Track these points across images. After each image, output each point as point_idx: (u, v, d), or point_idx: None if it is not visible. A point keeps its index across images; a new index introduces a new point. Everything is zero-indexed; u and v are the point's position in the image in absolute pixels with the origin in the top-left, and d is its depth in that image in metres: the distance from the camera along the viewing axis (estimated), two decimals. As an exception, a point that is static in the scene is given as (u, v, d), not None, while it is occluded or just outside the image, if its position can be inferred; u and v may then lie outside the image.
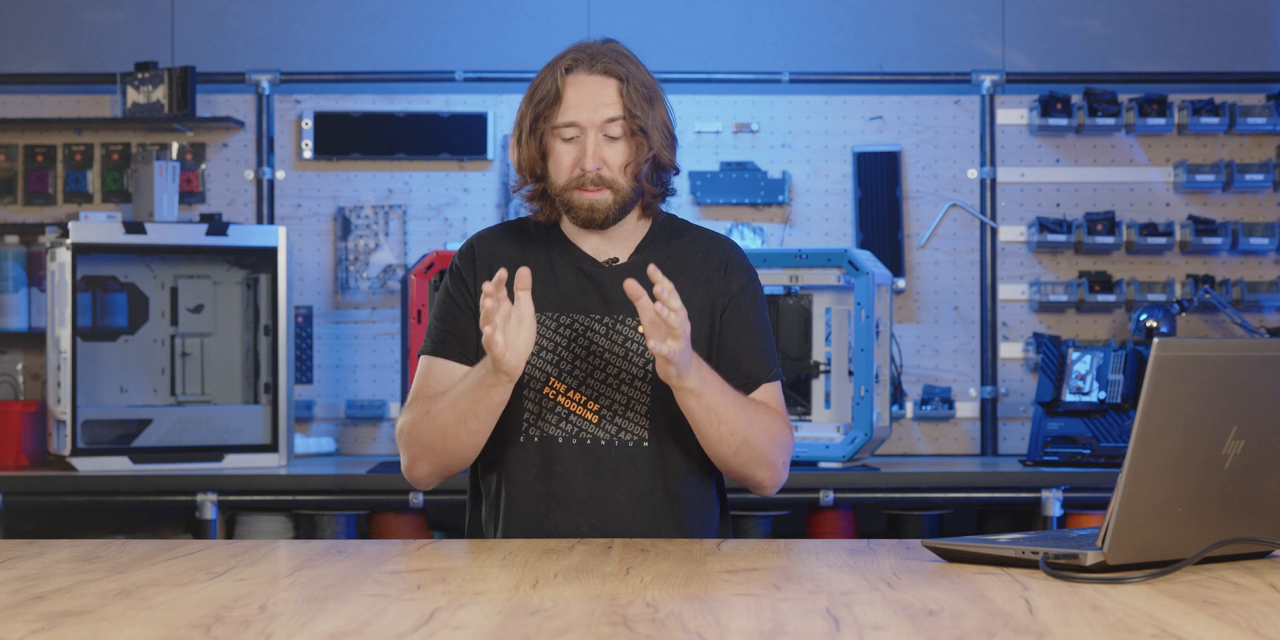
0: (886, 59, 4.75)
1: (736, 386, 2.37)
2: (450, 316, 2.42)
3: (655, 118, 2.36)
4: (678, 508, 2.39)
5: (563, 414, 2.37)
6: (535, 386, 2.37)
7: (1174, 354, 1.75)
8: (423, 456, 2.36)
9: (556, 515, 2.36)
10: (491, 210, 4.68)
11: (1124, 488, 1.76)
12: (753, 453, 2.32)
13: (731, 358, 2.40)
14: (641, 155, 2.35)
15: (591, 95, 2.34)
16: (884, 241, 4.62)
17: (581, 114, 2.34)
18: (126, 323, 4.31)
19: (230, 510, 4.09)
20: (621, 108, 2.34)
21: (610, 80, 2.35)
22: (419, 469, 2.38)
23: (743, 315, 2.42)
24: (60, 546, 2.16)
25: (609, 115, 2.34)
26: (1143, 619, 1.51)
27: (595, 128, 2.34)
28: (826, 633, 1.46)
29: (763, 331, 2.44)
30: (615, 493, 2.36)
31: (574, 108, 2.34)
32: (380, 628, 1.48)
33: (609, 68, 2.36)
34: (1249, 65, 4.72)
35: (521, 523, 2.38)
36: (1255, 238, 4.53)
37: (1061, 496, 3.96)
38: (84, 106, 4.71)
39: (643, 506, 2.37)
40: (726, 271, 2.44)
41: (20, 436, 4.22)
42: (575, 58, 2.37)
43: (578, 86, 2.35)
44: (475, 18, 4.76)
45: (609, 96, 2.34)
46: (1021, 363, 4.66)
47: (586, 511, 2.36)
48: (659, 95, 2.39)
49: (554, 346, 2.38)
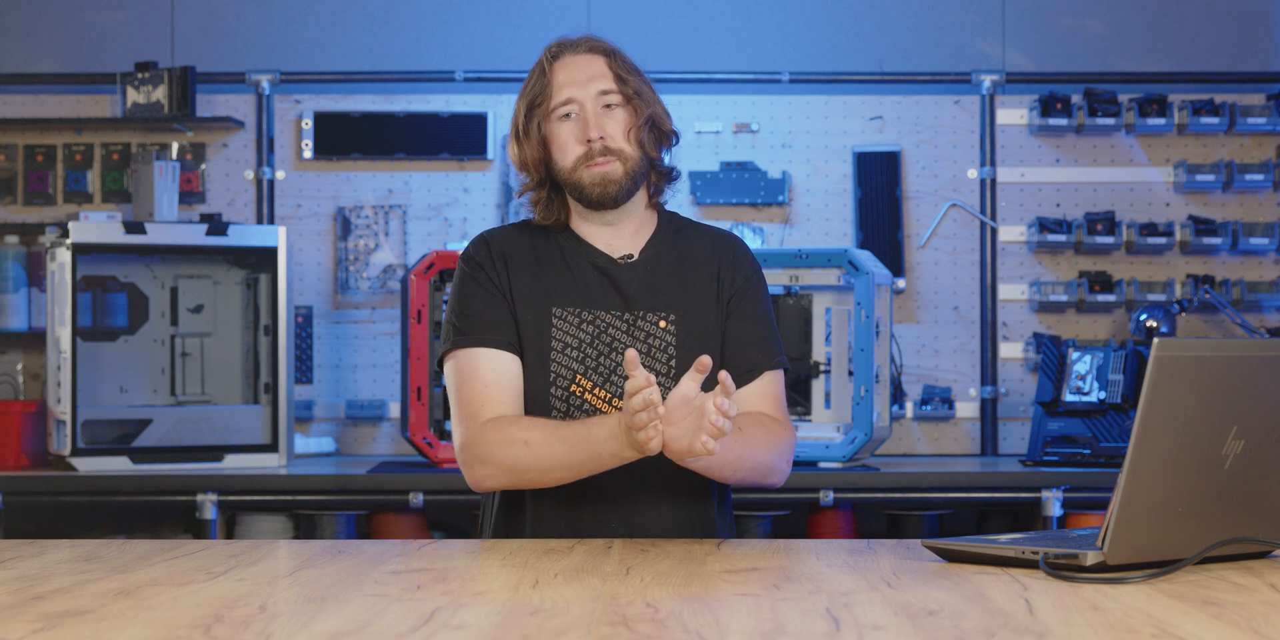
0: (886, 59, 4.75)
1: (739, 374, 2.38)
2: (479, 304, 2.38)
3: (645, 85, 2.42)
4: (704, 502, 2.40)
5: (590, 411, 2.36)
6: (562, 384, 2.37)
7: (1174, 354, 1.75)
8: (502, 476, 2.31)
9: (586, 513, 2.36)
10: (491, 210, 4.68)
11: (1124, 488, 1.76)
12: (756, 471, 2.35)
13: (735, 345, 2.41)
14: (640, 118, 2.38)
15: (581, 71, 2.39)
16: (884, 241, 4.62)
17: (575, 90, 2.38)
18: (126, 323, 4.31)
19: (230, 510, 4.09)
20: (613, 78, 2.39)
21: (597, 56, 2.41)
22: (491, 483, 2.33)
23: (746, 305, 2.44)
24: (60, 546, 2.16)
25: (602, 87, 2.38)
26: (1143, 619, 1.51)
27: (591, 100, 2.38)
28: (826, 633, 1.46)
29: (765, 321, 2.45)
30: (644, 489, 2.36)
31: (567, 85, 2.38)
32: (380, 628, 1.48)
33: (593, 45, 2.43)
34: (1249, 65, 4.72)
35: (551, 520, 2.37)
36: (1255, 238, 4.53)
37: (1061, 496, 3.96)
38: (84, 106, 4.71)
39: (670, 502, 2.38)
40: (732, 264, 2.45)
41: (20, 436, 4.21)
42: (559, 46, 2.44)
43: (567, 67, 2.40)
44: (475, 18, 4.76)
45: (599, 69, 2.40)
46: (1021, 363, 4.66)
47: (617, 508, 2.36)
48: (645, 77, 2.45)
49: (578, 343, 2.38)
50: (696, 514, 2.40)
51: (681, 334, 2.39)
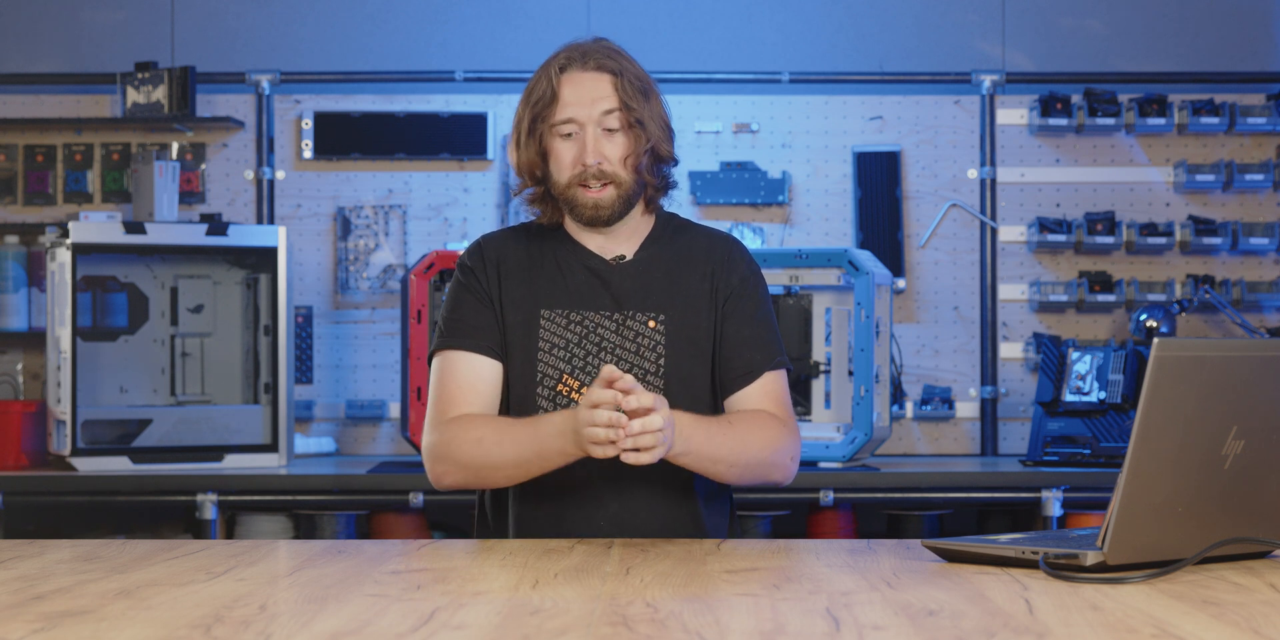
0: (886, 59, 4.75)
1: (738, 376, 2.39)
2: (465, 308, 2.42)
3: (651, 110, 2.38)
4: (693, 503, 2.40)
5: None
6: (548, 385, 2.38)
7: (1174, 354, 1.75)
8: (458, 473, 2.34)
9: (574, 513, 2.37)
10: (491, 210, 4.68)
11: (1124, 488, 1.76)
12: (757, 470, 2.35)
13: (733, 347, 2.41)
14: (640, 147, 2.36)
15: (587, 91, 2.36)
16: (884, 241, 4.62)
17: (579, 110, 2.36)
18: (126, 323, 4.31)
19: (230, 510, 4.09)
20: (617, 101, 2.36)
21: (604, 75, 2.38)
22: (449, 480, 2.36)
23: (743, 306, 2.43)
24: (60, 546, 2.16)
25: (605, 108, 2.36)
26: (1143, 619, 1.51)
27: (593, 122, 2.36)
28: (826, 633, 1.46)
29: (765, 321, 2.45)
30: (632, 489, 2.37)
31: (571, 104, 2.36)
32: (380, 628, 1.48)
33: (602, 63, 2.38)
34: (1249, 65, 4.72)
35: (539, 520, 2.38)
36: (1255, 238, 4.53)
37: (1061, 496, 3.96)
38: (84, 106, 4.71)
39: (659, 502, 2.38)
40: (728, 265, 2.45)
41: (20, 436, 4.21)
42: (569, 56, 2.39)
43: (573, 84, 2.37)
44: (475, 18, 4.76)
45: (604, 90, 2.37)
46: (1021, 363, 4.66)
47: (604, 508, 2.36)
48: (654, 89, 2.42)
49: (565, 344, 2.39)
50: (685, 511, 2.39)
51: (670, 334, 2.39)
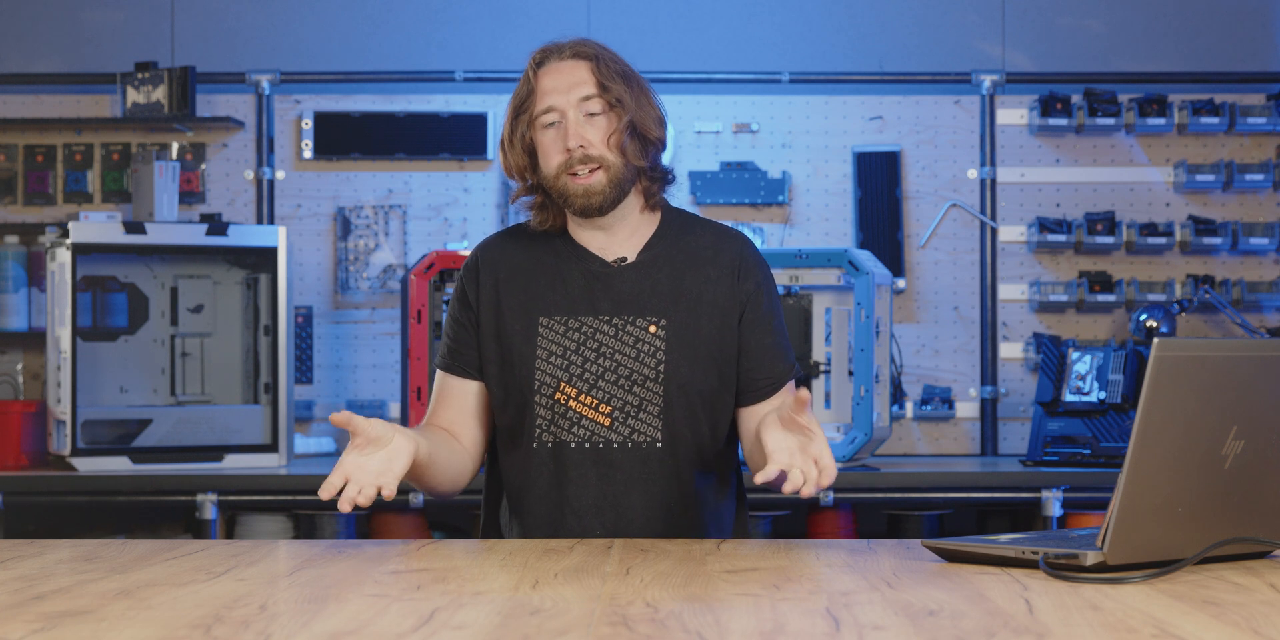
0: (886, 59, 4.75)
1: (764, 388, 2.41)
2: (454, 331, 2.46)
3: (632, 91, 2.37)
4: (692, 508, 2.39)
5: (575, 419, 2.36)
6: (546, 393, 2.37)
7: (1174, 354, 1.75)
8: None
9: (570, 520, 2.37)
10: (491, 210, 4.68)
11: (1124, 488, 1.76)
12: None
13: (755, 359, 2.41)
14: (622, 124, 2.35)
15: (565, 78, 2.37)
16: (884, 241, 4.62)
17: (557, 97, 2.36)
18: (126, 323, 4.31)
19: (230, 510, 4.09)
20: (595, 84, 2.36)
21: (581, 62, 2.39)
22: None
23: (761, 316, 2.42)
24: (60, 546, 2.16)
25: (584, 93, 2.36)
26: (1143, 619, 1.51)
27: (573, 107, 2.36)
28: (826, 633, 1.46)
29: (780, 329, 2.45)
30: (629, 496, 2.36)
31: (549, 93, 2.37)
32: (380, 628, 1.48)
33: (578, 51, 2.39)
34: (1249, 65, 4.72)
35: (536, 527, 2.39)
36: (1255, 238, 4.53)
37: (1061, 496, 3.96)
38: (84, 106, 4.71)
39: (657, 508, 2.37)
40: (741, 270, 2.43)
41: (20, 436, 4.21)
42: (544, 52, 2.42)
43: (550, 74, 2.39)
44: (475, 18, 4.76)
45: (582, 76, 2.37)
46: (1021, 363, 4.66)
47: (600, 515, 2.36)
48: (636, 76, 2.41)
49: (563, 351, 2.37)
50: (685, 521, 2.39)
51: (671, 339, 2.37)
